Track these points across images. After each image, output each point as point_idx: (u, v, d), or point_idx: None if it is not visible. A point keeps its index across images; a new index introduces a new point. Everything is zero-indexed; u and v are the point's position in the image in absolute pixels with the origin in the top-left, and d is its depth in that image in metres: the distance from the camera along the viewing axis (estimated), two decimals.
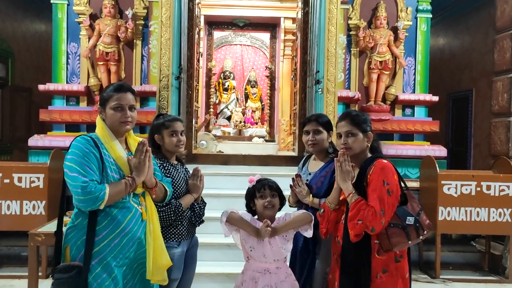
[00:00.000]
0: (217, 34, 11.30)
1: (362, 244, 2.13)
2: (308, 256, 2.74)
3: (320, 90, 5.31)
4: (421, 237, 2.13)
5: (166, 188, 2.40)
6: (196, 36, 6.55)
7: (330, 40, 5.35)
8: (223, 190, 4.97)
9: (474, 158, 7.84)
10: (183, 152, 2.84)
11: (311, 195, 2.73)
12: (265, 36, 11.99)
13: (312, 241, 2.71)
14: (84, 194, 1.96)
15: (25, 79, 7.48)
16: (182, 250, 2.65)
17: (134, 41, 5.81)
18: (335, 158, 2.32)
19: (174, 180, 2.64)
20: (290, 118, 9.72)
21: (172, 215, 2.54)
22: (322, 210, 2.40)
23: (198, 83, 6.99)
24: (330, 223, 2.34)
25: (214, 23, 10.31)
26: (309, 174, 2.85)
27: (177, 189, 2.64)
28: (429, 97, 5.92)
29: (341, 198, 2.33)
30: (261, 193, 2.55)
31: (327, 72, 5.33)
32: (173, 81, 5.32)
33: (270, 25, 10.28)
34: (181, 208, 2.57)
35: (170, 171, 2.67)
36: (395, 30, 5.90)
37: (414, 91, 6.03)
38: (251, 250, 2.50)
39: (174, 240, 2.62)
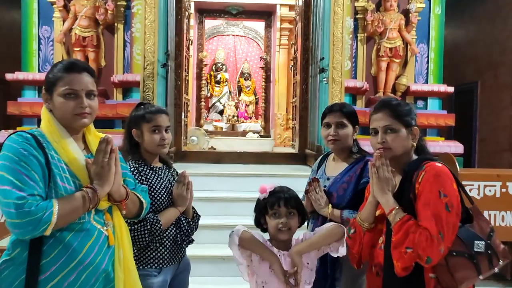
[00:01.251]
0: (209, 24, 10.66)
1: (412, 279, 1.55)
2: (326, 282, 2.15)
3: (325, 79, 4.72)
4: (495, 269, 1.55)
5: (142, 199, 1.76)
6: (186, 21, 5.92)
7: (336, 23, 4.74)
8: (216, 193, 4.36)
9: (479, 154, 7.39)
10: (166, 152, 2.20)
11: (330, 206, 2.15)
12: (260, 26, 11.38)
13: (331, 264, 2.12)
14: (20, 216, 1.35)
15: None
16: (164, 279, 2.04)
17: (115, 24, 5.17)
18: (369, 162, 1.73)
19: (153, 189, 2.04)
20: (286, 111, 9.15)
21: (146, 234, 1.94)
22: (352, 230, 1.80)
23: (188, 73, 6.37)
24: (364, 247, 1.75)
25: (205, 11, 9.66)
26: (327, 178, 2.26)
27: (157, 200, 2.03)
28: (443, 88, 5.37)
29: (377, 214, 1.75)
30: (274, 210, 1.89)
31: (332, 60, 4.72)
32: (159, 69, 4.69)
33: (265, 13, 9.66)
34: (158, 225, 1.97)
35: (149, 177, 2.06)
36: (406, 13, 5.32)
37: (427, 81, 5.47)
38: (263, 286, 1.87)
39: (153, 267, 2.01)
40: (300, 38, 5.59)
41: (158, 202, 2.04)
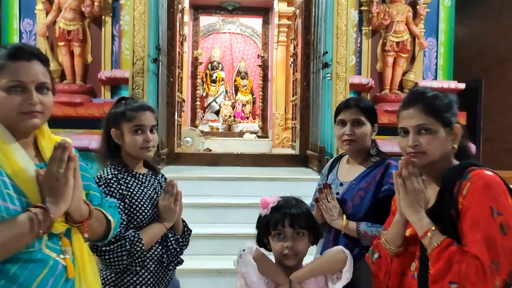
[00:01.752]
0: (204, 21, 10.30)
1: None
2: None
3: (328, 75, 4.37)
4: None
5: (109, 217, 1.41)
6: (179, 16, 5.57)
7: (340, 15, 4.40)
8: (212, 198, 4.01)
9: (484, 154, 7.08)
10: (151, 156, 1.85)
11: (344, 217, 1.80)
12: (257, 23, 11.04)
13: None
14: None
15: None
16: None
17: (103, 17, 4.79)
18: (393, 172, 1.38)
19: (135, 200, 1.69)
20: (285, 111, 8.80)
21: (124, 256, 1.59)
22: (376, 255, 1.45)
23: (181, 70, 6.02)
24: (392, 276, 1.40)
25: (200, 7, 9.31)
26: (340, 184, 1.91)
27: (139, 214, 1.69)
28: (454, 85, 5.03)
29: (408, 234, 1.40)
30: (278, 231, 1.54)
31: (336, 54, 4.38)
32: (150, 64, 4.34)
33: (263, 9, 9.32)
34: (139, 245, 1.62)
35: (130, 185, 1.72)
36: (414, 5, 4.97)
37: (436, 78, 5.13)
38: None
39: None
40: (301, 32, 5.25)
41: (141, 217, 1.69)
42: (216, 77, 11.18)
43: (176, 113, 5.36)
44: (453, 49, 5.17)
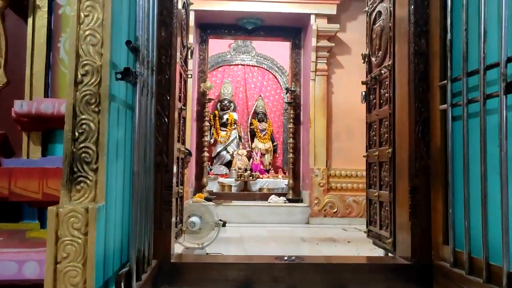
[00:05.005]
0: (212, 50, 7.99)
1: None
2: None
3: None
4: None
5: None
6: (183, 13, 3.16)
7: None
8: None
9: None
10: None
11: None
12: (277, 53, 8.79)
13: None
14: None
15: None
16: None
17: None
18: None
19: None
20: (326, 165, 6.30)
21: None
22: None
23: (185, 106, 3.54)
24: None
25: (210, 26, 7.00)
26: None
27: None
28: None
29: None
30: None
31: None
32: (113, 84, 1.89)
33: (292, 30, 7.02)
34: None
35: None
36: None
37: None
38: None
39: None
40: (407, 33, 2.82)
41: None
42: (227, 119, 8.76)
43: (173, 182, 2.84)
44: None
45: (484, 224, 2.08)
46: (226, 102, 8.91)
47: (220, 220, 4.40)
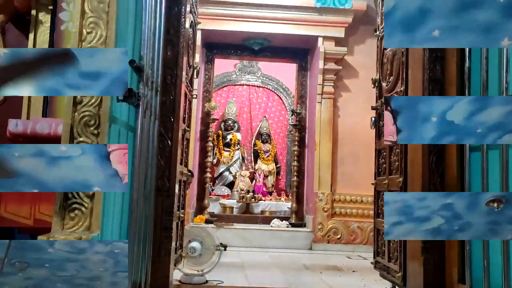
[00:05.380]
0: (216, 70, 7.93)
1: None
2: None
3: None
4: None
5: None
6: (191, 32, 3.08)
7: None
8: None
9: None
10: None
11: None
12: (282, 74, 8.75)
13: None
14: None
15: None
16: None
17: (34, 13, 2.32)
18: None
19: None
20: (331, 190, 6.16)
21: None
22: None
23: (189, 128, 3.44)
24: None
25: (216, 46, 6.96)
26: None
27: None
28: None
29: None
30: None
31: None
32: (114, 106, 1.78)
33: (299, 51, 6.97)
34: None
35: None
36: None
37: None
38: None
39: None
40: (421, 59, 2.72)
41: None
42: (231, 139, 8.67)
43: (175, 207, 2.71)
44: None
45: (506, 264, 1.94)
46: (230, 122, 8.83)
47: (221, 244, 4.25)
